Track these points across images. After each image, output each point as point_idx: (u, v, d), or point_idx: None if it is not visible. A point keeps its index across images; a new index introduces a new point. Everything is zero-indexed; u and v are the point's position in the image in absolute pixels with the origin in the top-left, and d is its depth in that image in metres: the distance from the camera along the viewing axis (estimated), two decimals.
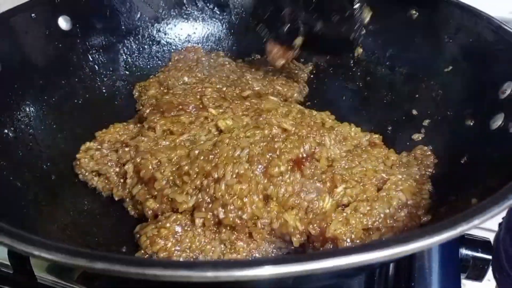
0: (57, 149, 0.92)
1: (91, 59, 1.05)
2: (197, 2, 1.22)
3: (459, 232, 0.47)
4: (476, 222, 0.48)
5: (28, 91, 0.90)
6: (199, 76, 1.10)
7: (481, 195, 0.54)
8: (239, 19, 1.25)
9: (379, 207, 0.78)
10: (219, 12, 1.24)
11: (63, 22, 0.98)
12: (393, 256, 0.44)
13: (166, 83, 1.08)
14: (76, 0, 1.02)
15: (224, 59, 1.18)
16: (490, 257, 0.83)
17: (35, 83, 0.93)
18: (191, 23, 1.23)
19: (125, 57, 1.12)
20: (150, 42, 1.17)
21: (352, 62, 1.15)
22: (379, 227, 0.77)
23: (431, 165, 0.90)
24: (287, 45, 1.02)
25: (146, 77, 1.14)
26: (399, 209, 0.79)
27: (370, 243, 0.60)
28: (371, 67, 1.13)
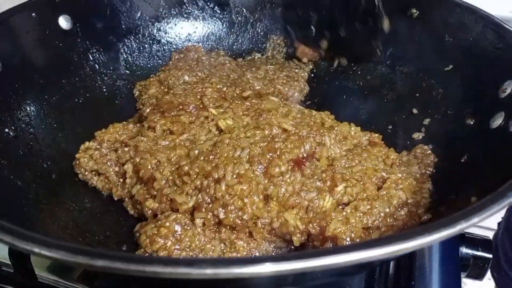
0: (57, 148, 0.92)
1: (92, 58, 1.05)
2: (197, 1, 1.22)
3: (458, 229, 0.47)
4: (475, 220, 0.48)
5: (28, 91, 0.91)
6: (199, 75, 1.10)
7: (481, 194, 0.54)
8: (240, 18, 1.25)
9: (379, 206, 0.78)
10: (219, 11, 1.24)
11: (63, 22, 0.98)
12: (392, 254, 0.44)
13: (167, 82, 1.09)
14: (76, 0, 1.02)
15: (225, 58, 1.18)
16: (490, 255, 0.84)
17: (35, 83, 0.93)
18: (192, 22, 1.23)
19: (125, 56, 1.12)
20: (151, 41, 1.17)
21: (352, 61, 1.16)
22: (379, 226, 0.77)
23: (431, 164, 0.90)
24: (314, 46, 1.15)
25: (146, 76, 1.14)
26: (399, 208, 0.79)
27: (369, 240, 0.60)
28: (371, 66, 1.12)
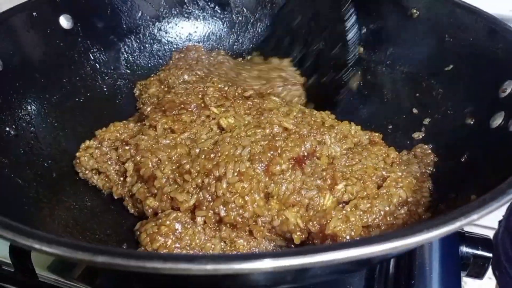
0: (58, 147, 0.92)
1: (92, 57, 1.05)
2: (198, 1, 1.22)
3: (457, 226, 0.47)
4: (474, 217, 0.48)
5: (29, 90, 0.91)
6: (199, 74, 1.10)
7: (481, 193, 0.54)
8: (240, 18, 1.25)
9: (379, 204, 0.78)
10: (220, 11, 1.24)
11: (64, 21, 0.98)
12: (392, 250, 0.44)
13: (167, 81, 1.09)
14: None
15: (224, 57, 1.18)
16: (490, 254, 0.84)
17: (36, 82, 0.93)
18: (192, 22, 1.23)
19: (126, 56, 1.12)
20: (151, 41, 1.17)
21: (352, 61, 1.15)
22: (379, 224, 0.77)
23: (431, 163, 0.90)
24: None
25: (147, 76, 1.14)
26: (399, 207, 0.79)
27: (369, 237, 0.60)
28: (371, 65, 1.12)
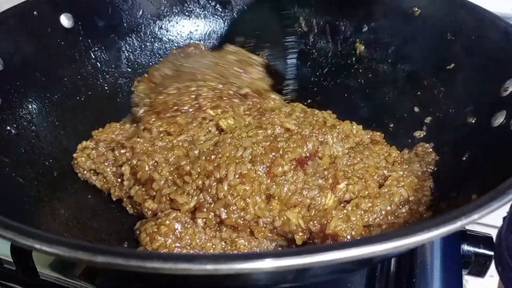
0: (59, 146, 0.92)
1: (93, 56, 1.05)
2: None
3: (458, 226, 0.47)
4: (475, 216, 0.48)
5: (30, 89, 0.91)
6: (180, 69, 1.06)
7: (482, 192, 0.54)
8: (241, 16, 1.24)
9: (380, 203, 0.78)
10: (221, 9, 1.23)
11: (65, 20, 0.98)
12: (392, 250, 0.44)
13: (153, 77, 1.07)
14: None
15: (196, 49, 1.17)
16: (492, 253, 0.83)
17: (37, 81, 0.93)
18: (193, 20, 1.23)
19: (127, 55, 1.12)
20: (152, 39, 1.17)
21: (354, 60, 1.15)
22: (380, 223, 0.77)
23: (432, 162, 0.90)
24: None
25: None
26: (400, 206, 0.79)
27: (369, 237, 0.60)
28: (373, 64, 1.12)
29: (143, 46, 1.15)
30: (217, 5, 1.23)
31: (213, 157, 0.81)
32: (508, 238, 0.82)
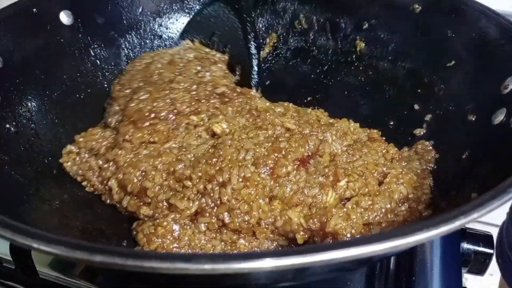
0: (58, 144, 0.92)
1: (93, 54, 1.05)
2: None
3: (457, 225, 0.47)
4: (474, 215, 0.48)
5: (29, 86, 0.90)
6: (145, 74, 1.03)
7: (482, 190, 0.54)
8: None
9: (380, 201, 0.78)
10: None
11: (64, 17, 0.98)
12: (392, 249, 0.44)
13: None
14: None
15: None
16: (491, 251, 0.83)
17: (36, 78, 0.92)
18: None
19: (126, 52, 1.12)
20: (152, 37, 1.16)
21: (354, 57, 1.15)
22: (380, 221, 0.77)
23: (432, 160, 0.90)
24: None
25: None
26: (400, 203, 0.79)
27: (369, 236, 0.60)
28: (373, 61, 1.12)
29: (142, 44, 1.15)
30: None
31: (214, 160, 0.80)
32: (510, 231, 0.82)
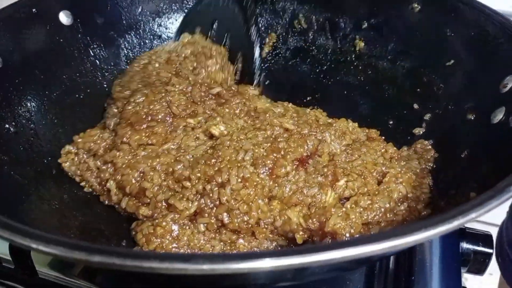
0: (58, 144, 0.92)
1: (92, 54, 1.05)
2: None
3: (456, 225, 0.47)
4: (473, 215, 0.48)
5: (29, 86, 0.90)
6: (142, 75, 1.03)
7: (481, 190, 0.54)
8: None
9: (379, 201, 0.78)
10: None
11: (64, 17, 0.98)
12: (391, 249, 0.44)
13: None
14: None
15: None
16: (491, 251, 0.84)
17: (36, 78, 0.92)
18: None
19: (126, 52, 1.12)
20: (151, 37, 1.16)
21: (353, 56, 1.15)
22: (379, 221, 0.77)
23: (431, 159, 0.90)
24: None
25: None
26: (399, 203, 0.79)
27: (368, 236, 0.60)
28: (372, 61, 1.12)
29: (142, 44, 1.15)
30: None
31: (213, 161, 0.80)
32: (509, 229, 0.82)
